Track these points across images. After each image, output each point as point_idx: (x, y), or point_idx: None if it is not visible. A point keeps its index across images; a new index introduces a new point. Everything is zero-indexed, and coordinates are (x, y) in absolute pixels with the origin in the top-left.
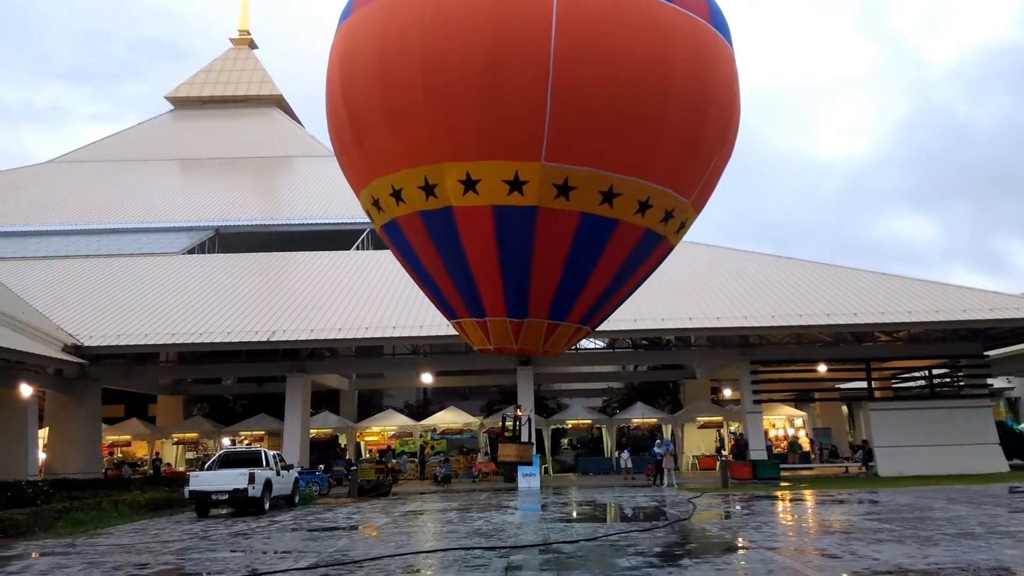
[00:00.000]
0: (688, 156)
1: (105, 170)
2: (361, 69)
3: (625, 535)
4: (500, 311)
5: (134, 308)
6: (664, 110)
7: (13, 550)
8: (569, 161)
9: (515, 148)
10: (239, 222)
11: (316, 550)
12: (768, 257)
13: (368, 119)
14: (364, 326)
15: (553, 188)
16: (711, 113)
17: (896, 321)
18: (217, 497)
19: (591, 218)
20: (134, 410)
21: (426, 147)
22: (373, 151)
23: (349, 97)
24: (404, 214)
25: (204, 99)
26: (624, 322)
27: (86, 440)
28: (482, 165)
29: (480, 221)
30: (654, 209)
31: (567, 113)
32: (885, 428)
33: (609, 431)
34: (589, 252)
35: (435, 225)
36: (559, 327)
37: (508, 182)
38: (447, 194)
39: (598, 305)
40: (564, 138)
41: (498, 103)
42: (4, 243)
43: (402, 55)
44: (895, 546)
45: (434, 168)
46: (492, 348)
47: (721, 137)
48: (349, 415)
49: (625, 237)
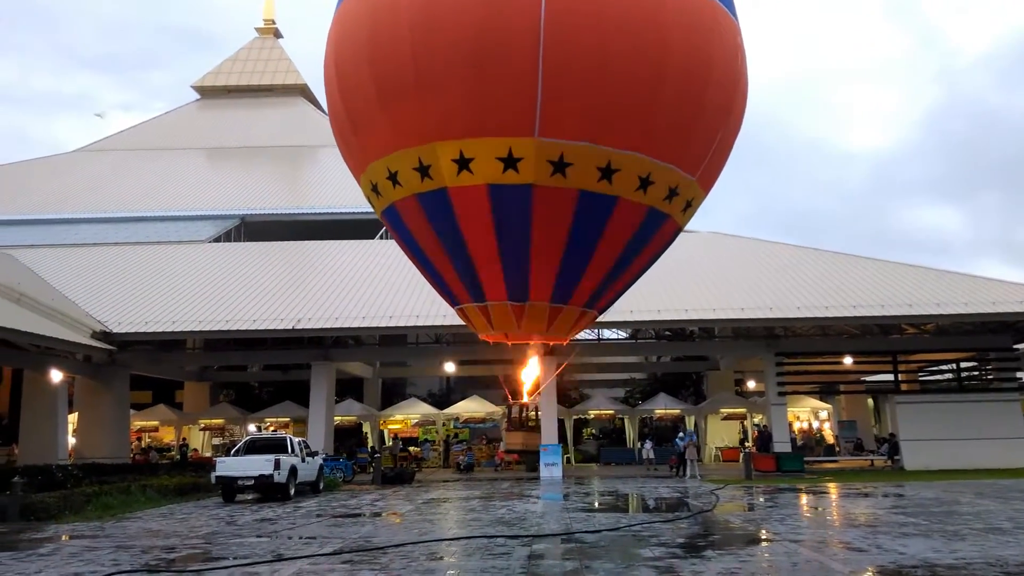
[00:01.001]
0: (689, 129)
1: (133, 159)
2: (353, 53)
3: (648, 526)
4: (501, 294)
5: (161, 295)
6: (661, 81)
7: (44, 533)
8: (563, 136)
9: (507, 124)
10: (264, 211)
11: (340, 536)
12: (794, 248)
13: (362, 103)
14: (388, 315)
15: (549, 165)
16: (712, 84)
17: (924, 313)
18: (243, 483)
19: (590, 195)
20: (161, 396)
21: (418, 127)
22: (369, 134)
23: (343, 82)
24: (401, 198)
25: (230, 88)
26: (647, 313)
27: (115, 425)
28: (474, 143)
29: (476, 201)
30: (656, 186)
31: (559, 86)
32: (911, 421)
33: (631, 422)
34: (590, 231)
35: (431, 207)
36: (563, 311)
37: (502, 159)
38: (441, 174)
39: (603, 288)
40: (557, 112)
41: (488, 78)
42: (35, 231)
43: (392, 35)
44: (922, 540)
45: (427, 148)
46: (494, 335)
47: (725, 109)
48: (373, 403)
49: (627, 215)
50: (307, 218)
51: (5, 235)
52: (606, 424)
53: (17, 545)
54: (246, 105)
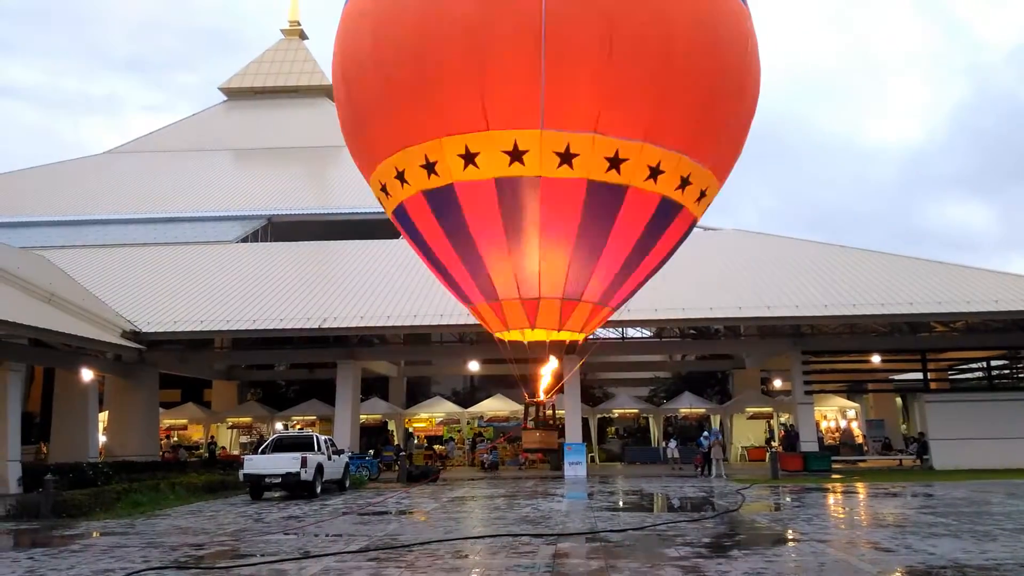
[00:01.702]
0: (698, 117)
1: (161, 160)
2: (357, 53)
3: (673, 525)
4: (512, 291)
5: (190, 295)
6: (667, 69)
7: (75, 529)
8: (569, 127)
9: (512, 117)
10: (291, 211)
11: (367, 534)
12: (820, 245)
13: (368, 103)
14: (413, 314)
15: (555, 156)
16: (721, 70)
17: (953, 311)
18: (270, 480)
19: (598, 186)
20: (190, 395)
21: (423, 124)
22: (376, 135)
23: (350, 84)
24: (409, 196)
25: (256, 90)
26: (672, 311)
27: (144, 423)
28: (479, 136)
29: (483, 195)
30: (667, 175)
31: (563, 77)
32: (941, 420)
33: (656, 421)
34: (600, 222)
35: (438, 204)
36: (576, 306)
37: (508, 152)
38: (448, 170)
39: (617, 282)
40: (561, 103)
41: (490, 71)
42: (66, 232)
43: (395, 35)
44: (951, 540)
45: (433, 144)
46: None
47: (735, 96)
48: (398, 402)
49: (638, 205)
50: (333, 218)
51: (37, 236)
52: (630, 423)
53: (50, 542)
54: (272, 106)
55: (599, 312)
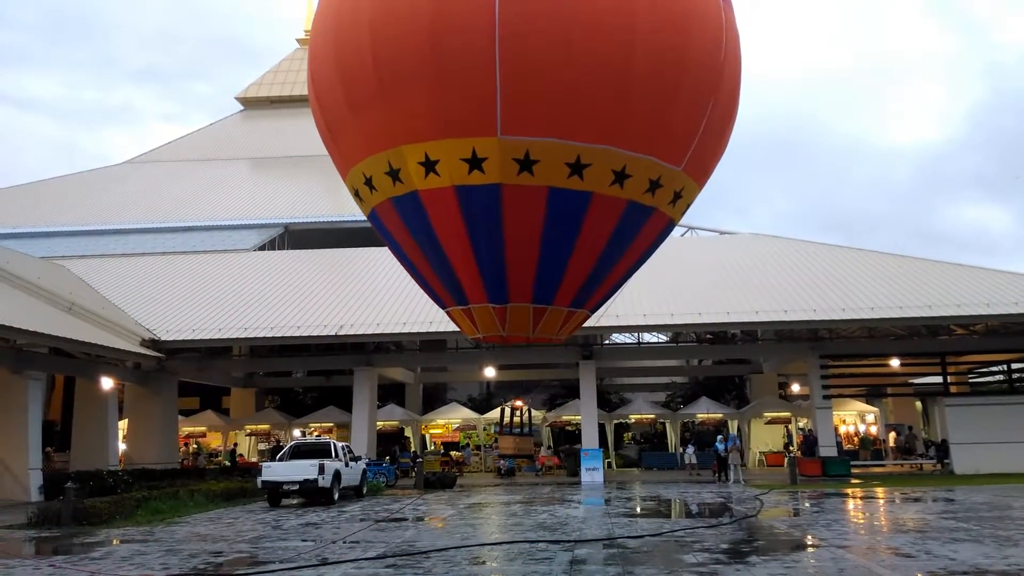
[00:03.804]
0: (665, 117)
1: (180, 170)
2: (323, 60)
3: (691, 531)
4: (481, 297)
5: (208, 303)
6: (628, 67)
7: (96, 537)
8: (527, 133)
9: (469, 124)
10: (307, 219)
11: (384, 540)
12: (838, 248)
13: (336, 111)
14: (429, 320)
15: (514, 163)
16: (690, 66)
17: (973, 314)
18: (288, 487)
19: (560, 193)
20: (208, 402)
21: (385, 131)
22: (345, 141)
23: (319, 92)
24: (379, 202)
25: (272, 99)
26: (688, 315)
27: (163, 431)
28: (438, 144)
29: (445, 203)
30: (634, 179)
31: (518, 82)
32: (961, 424)
33: (673, 426)
34: (565, 229)
35: (405, 211)
36: (547, 311)
37: (467, 160)
38: (411, 177)
39: (589, 286)
40: (518, 109)
41: (447, 78)
42: (86, 241)
43: (355, 43)
44: (972, 546)
45: (395, 152)
46: (482, 336)
47: (707, 93)
48: (414, 408)
49: (604, 211)
50: (349, 226)
51: (58, 246)
52: (647, 428)
53: (71, 549)
54: (288, 115)
55: (574, 316)
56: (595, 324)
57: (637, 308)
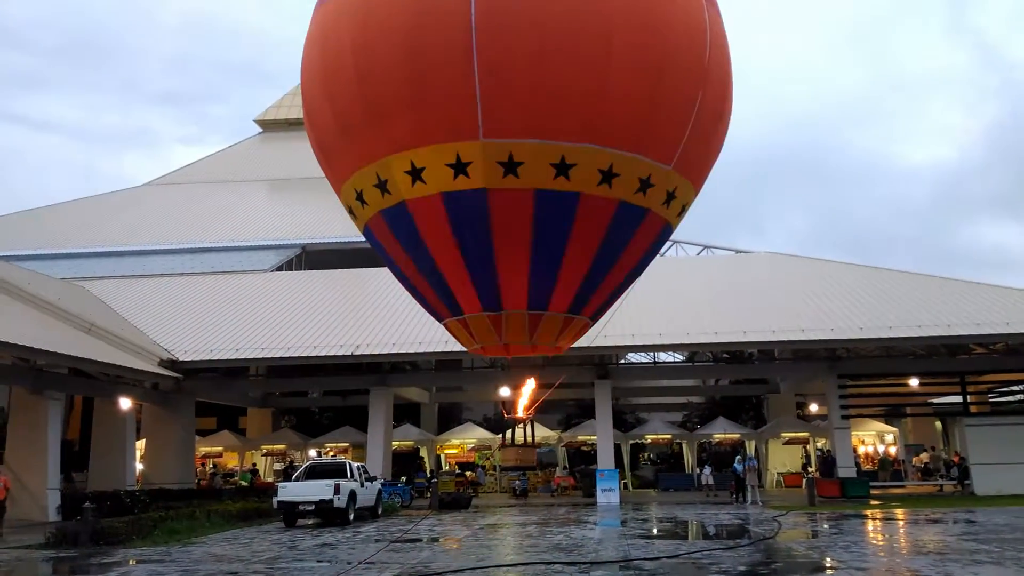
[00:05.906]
0: (651, 113)
1: (198, 191)
2: (312, 83)
3: (708, 553)
4: (475, 305)
5: (226, 324)
6: (608, 62)
7: (113, 557)
8: (509, 135)
9: (451, 128)
10: (324, 239)
11: (399, 561)
12: (855, 267)
13: (326, 130)
14: (444, 340)
15: (499, 166)
16: (674, 59)
17: (993, 332)
18: (304, 508)
19: (547, 194)
20: (225, 422)
21: (372, 143)
22: (336, 159)
23: (311, 114)
24: (370, 216)
25: (291, 121)
26: (705, 335)
27: (180, 451)
28: (422, 152)
29: (432, 210)
30: (623, 178)
31: (497, 82)
32: (982, 444)
33: (690, 446)
34: (555, 231)
35: (395, 222)
36: (543, 317)
37: (451, 165)
38: (398, 187)
39: (586, 291)
40: (499, 110)
41: (427, 83)
42: (106, 263)
43: (337, 55)
44: (994, 568)
45: (382, 163)
46: (480, 347)
47: (693, 86)
48: (430, 428)
49: (594, 212)
50: (365, 246)
51: (78, 267)
52: (664, 449)
53: (88, 569)
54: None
55: (572, 323)
56: (610, 343)
57: (653, 327)
